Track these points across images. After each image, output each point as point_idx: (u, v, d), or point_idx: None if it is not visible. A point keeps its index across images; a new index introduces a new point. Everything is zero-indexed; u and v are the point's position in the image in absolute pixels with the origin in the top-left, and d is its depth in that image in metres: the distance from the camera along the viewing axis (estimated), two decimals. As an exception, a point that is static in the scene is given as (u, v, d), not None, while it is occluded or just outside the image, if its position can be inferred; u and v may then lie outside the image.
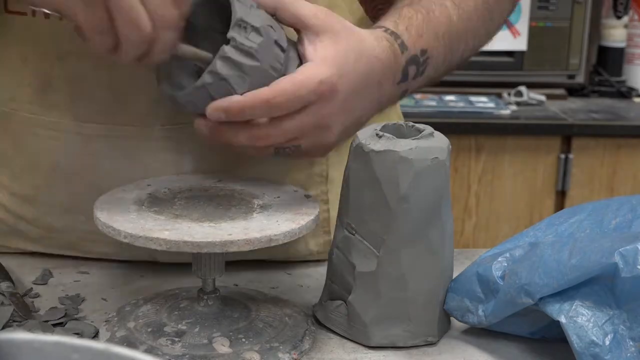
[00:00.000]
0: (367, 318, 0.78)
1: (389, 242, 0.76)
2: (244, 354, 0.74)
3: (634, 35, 2.55)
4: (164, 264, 0.94)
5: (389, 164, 0.75)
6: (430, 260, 0.78)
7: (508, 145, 2.25)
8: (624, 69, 2.57)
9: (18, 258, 0.94)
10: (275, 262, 0.96)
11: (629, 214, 0.81)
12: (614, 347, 0.68)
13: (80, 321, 0.81)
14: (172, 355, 0.73)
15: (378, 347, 0.79)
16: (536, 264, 0.73)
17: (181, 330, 0.77)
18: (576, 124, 2.26)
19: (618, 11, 2.51)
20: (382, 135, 0.77)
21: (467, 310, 0.79)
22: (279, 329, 0.78)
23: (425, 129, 0.79)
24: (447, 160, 0.77)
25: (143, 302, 0.83)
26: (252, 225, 0.74)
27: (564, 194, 2.28)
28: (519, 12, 2.42)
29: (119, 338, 0.77)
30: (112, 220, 0.74)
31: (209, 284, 0.79)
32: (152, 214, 0.76)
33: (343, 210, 0.80)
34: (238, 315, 0.79)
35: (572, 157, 2.26)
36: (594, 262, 0.70)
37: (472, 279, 0.79)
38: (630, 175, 2.29)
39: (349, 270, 0.79)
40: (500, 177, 2.26)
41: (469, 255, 0.93)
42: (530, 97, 2.38)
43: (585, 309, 0.70)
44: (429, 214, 0.77)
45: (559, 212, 0.86)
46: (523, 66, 2.44)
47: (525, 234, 0.83)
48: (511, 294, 0.74)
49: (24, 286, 0.88)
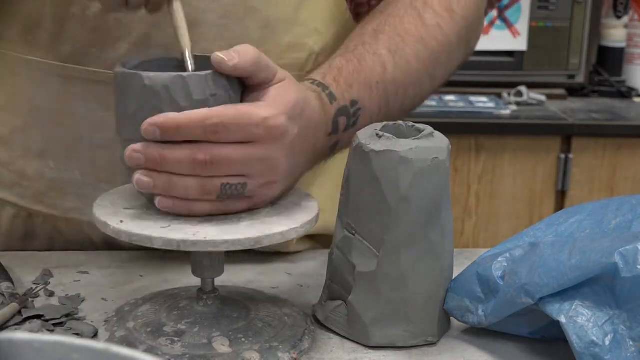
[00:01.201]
0: (367, 318, 0.78)
1: (389, 242, 0.77)
2: (243, 354, 0.74)
3: (634, 35, 2.55)
4: (164, 265, 0.94)
5: (389, 164, 0.75)
6: (430, 260, 0.78)
7: (508, 145, 2.25)
8: (624, 69, 2.57)
9: (18, 258, 0.94)
10: (274, 261, 0.97)
11: (629, 214, 0.81)
12: (614, 347, 0.68)
13: (80, 321, 0.81)
14: (172, 355, 0.73)
15: (378, 347, 0.79)
16: (536, 264, 0.73)
17: (181, 330, 0.77)
18: (576, 124, 2.26)
19: (618, 11, 2.51)
20: (382, 135, 0.77)
21: (467, 310, 0.79)
22: (278, 328, 0.78)
23: (425, 129, 0.79)
24: (447, 160, 0.77)
25: (142, 302, 0.83)
26: (252, 224, 0.74)
27: (564, 194, 2.28)
28: (519, 12, 2.42)
29: (119, 338, 0.77)
30: (105, 217, 0.75)
31: (209, 283, 0.79)
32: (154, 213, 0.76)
33: (343, 210, 0.80)
34: (237, 315, 0.79)
35: (572, 157, 2.26)
36: (594, 262, 0.70)
37: (472, 279, 0.79)
38: (630, 175, 2.29)
39: (349, 270, 0.79)
40: (500, 177, 2.26)
41: (469, 255, 0.93)
42: (530, 97, 2.38)
43: (585, 309, 0.70)
44: (429, 214, 0.77)
45: (559, 212, 0.86)
46: (523, 66, 2.44)
47: (525, 234, 0.83)
48: (511, 294, 0.74)
49: (24, 286, 0.88)
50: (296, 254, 1.00)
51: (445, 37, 0.95)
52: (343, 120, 0.85)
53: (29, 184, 0.95)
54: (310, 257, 0.99)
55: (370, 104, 0.88)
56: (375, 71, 0.88)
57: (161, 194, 0.74)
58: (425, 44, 0.93)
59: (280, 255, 0.99)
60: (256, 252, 0.93)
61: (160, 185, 0.73)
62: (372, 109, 0.88)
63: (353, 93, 0.86)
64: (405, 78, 0.91)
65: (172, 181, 0.73)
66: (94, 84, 0.91)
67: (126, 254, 0.97)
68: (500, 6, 2.41)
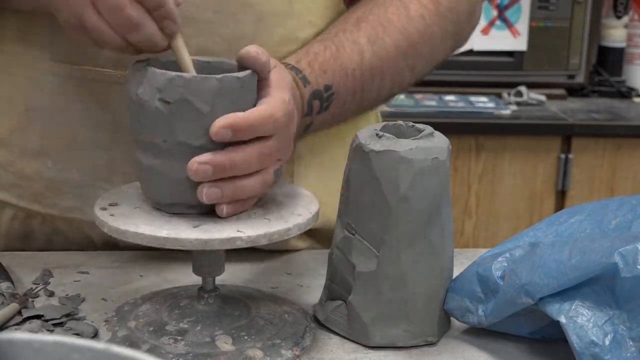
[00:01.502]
0: (367, 318, 0.78)
1: (389, 242, 0.77)
2: (247, 351, 0.74)
3: (634, 35, 2.55)
4: (164, 265, 0.94)
5: (389, 164, 0.75)
6: (430, 260, 0.78)
7: (508, 145, 2.25)
8: (624, 69, 2.57)
9: (18, 258, 0.94)
10: (274, 261, 0.97)
11: (629, 214, 0.81)
12: (614, 347, 0.68)
13: (80, 321, 0.81)
14: (176, 353, 0.73)
15: (378, 347, 0.79)
16: (536, 264, 0.73)
17: (183, 329, 0.77)
18: (576, 124, 2.26)
19: (618, 11, 2.51)
20: (382, 135, 0.77)
21: (467, 310, 0.79)
22: (279, 326, 0.79)
23: (425, 129, 0.79)
24: (447, 160, 0.77)
25: (142, 301, 0.83)
26: (253, 223, 0.74)
27: (564, 194, 2.28)
28: (519, 12, 2.42)
29: (121, 338, 0.77)
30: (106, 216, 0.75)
31: (209, 282, 0.79)
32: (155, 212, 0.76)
33: (343, 210, 0.80)
34: (239, 313, 0.79)
35: (572, 157, 2.26)
36: (594, 262, 0.70)
37: (472, 279, 0.79)
38: (630, 175, 2.29)
39: (349, 270, 0.79)
40: (500, 177, 2.26)
41: (469, 255, 0.93)
42: (530, 97, 2.38)
43: (585, 309, 0.70)
44: (429, 214, 0.77)
45: (559, 212, 0.86)
46: (523, 66, 2.44)
47: (525, 234, 0.83)
48: (511, 294, 0.74)
49: (24, 286, 0.88)
50: (296, 253, 1.00)
51: (428, 28, 0.96)
52: (316, 104, 0.88)
53: (28, 184, 0.95)
54: (310, 257, 0.99)
55: (345, 90, 0.90)
56: (352, 59, 0.91)
57: (226, 202, 0.74)
58: (405, 35, 0.94)
59: (280, 254, 0.99)
60: (255, 251, 0.93)
61: (228, 192, 0.73)
62: (346, 95, 0.91)
63: (327, 78, 0.88)
64: (383, 67, 0.93)
65: (238, 185, 0.73)
66: (91, 83, 0.91)
67: (126, 254, 0.97)
68: (501, 6, 2.41)
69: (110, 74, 0.90)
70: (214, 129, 0.71)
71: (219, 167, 0.72)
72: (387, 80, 0.95)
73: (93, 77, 0.91)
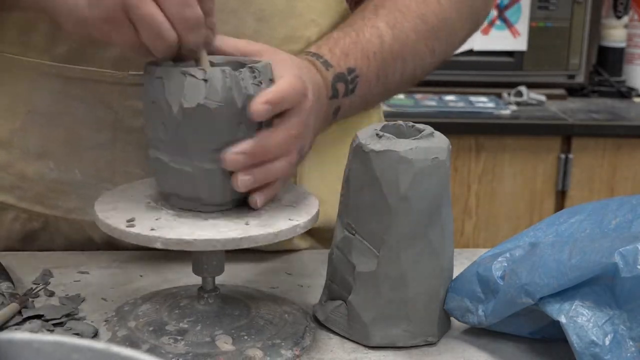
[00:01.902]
0: (367, 318, 0.78)
1: (389, 242, 0.77)
2: (247, 351, 0.74)
3: (634, 35, 2.55)
4: (164, 265, 0.94)
5: (389, 164, 0.75)
6: (430, 260, 0.78)
7: (508, 145, 2.25)
8: (624, 69, 2.57)
9: (18, 258, 0.94)
10: (274, 261, 0.97)
11: (629, 214, 0.81)
12: (614, 347, 0.68)
13: (80, 321, 0.81)
14: (176, 353, 0.73)
15: (378, 347, 0.79)
16: (536, 264, 0.73)
17: (183, 329, 0.77)
18: (576, 124, 2.26)
19: (618, 11, 2.51)
20: (382, 135, 0.77)
21: (467, 310, 0.79)
22: (279, 326, 0.79)
23: (425, 129, 0.79)
24: (447, 160, 0.77)
25: (141, 301, 0.83)
26: (253, 222, 0.74)
27: (564, 194, 2.28)
28: (519, 12, 2.42)
29: (121, 337, 0.77)
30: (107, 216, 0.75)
31: (209, 282, 0.79)
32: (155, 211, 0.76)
33: (343, 210, 0.80)
34: (239, 313, 0.79)
35: (572, 157, 2.26)
36: (594, 262, 0.70)
37: (472, 279, 0.79)
38: (630, 175, 2.29)
39: (349, 270, 0.79)
40: (500, 177, 2.26)
41: (469, 255, 0.93)
42: (530, 97, 2.38)
43: (585, 309, 0.70)
44: (429, 214, 0.77)
45: (559, 212, 0.86)
46: (523, 66, 2.44)
47: (525, 234, 0.83)
48: (511, 294, 0.74)
49: (24, 286, 0.88)
50: (296, 253, 1.00)
51: (444, 13, 0.98)
52: (341, 86, 0.89)
53: (29, 185, 0.95)
54: (310, 257, 0.99)
55: (368, 72, 0.92)
56: (372, 43, 0.92)
57: (257, 190, 0.76)
58: (423, 19, 0.96)
59: (280, 254, 0.99)
60: (255, 251, 0.93)
61: (260, 177, 0.76)
62: (369, 78, 0.92)
63: (349, 61, 0.90)
64: (404, 50, 0.95)
65: (269, 168, 0.76)
66: (92, 84, 0.91)
67: (126, 254, 0.97)
68: (501, 6, 2.41)
69: (111, 74, 0.90)
70: (254, 106, 0.73)
71: (253, 153, 0.74)
72: (409, 62, 0.96)
73: (93, 77, 0.91)
